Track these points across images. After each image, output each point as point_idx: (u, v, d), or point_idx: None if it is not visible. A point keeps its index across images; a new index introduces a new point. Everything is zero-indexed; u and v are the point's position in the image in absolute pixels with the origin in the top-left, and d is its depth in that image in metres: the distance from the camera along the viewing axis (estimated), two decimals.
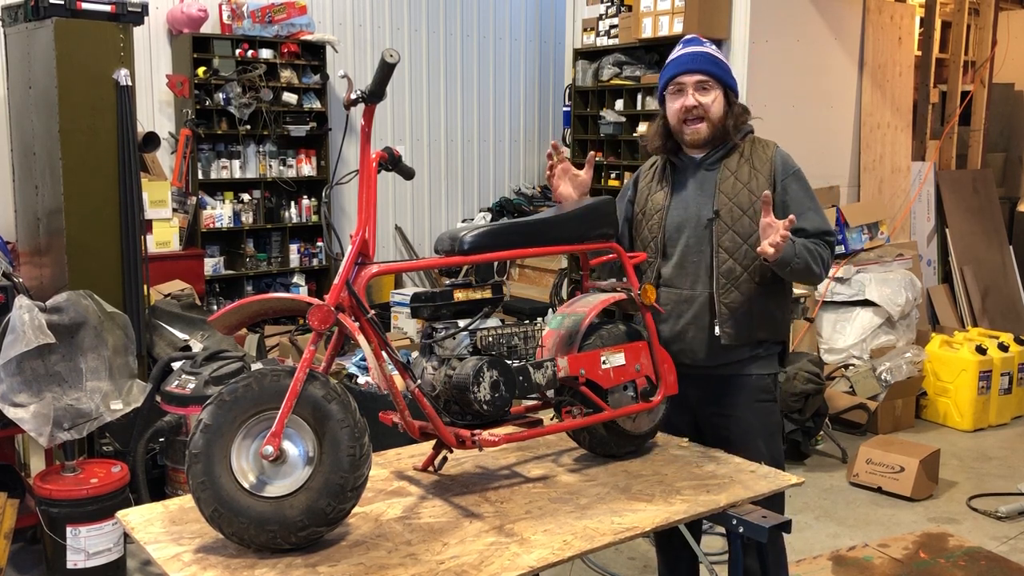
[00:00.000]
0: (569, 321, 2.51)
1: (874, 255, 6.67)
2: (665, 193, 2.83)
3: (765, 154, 2.77)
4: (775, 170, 2.73)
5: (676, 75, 2.75)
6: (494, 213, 8.44)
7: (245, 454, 2.00)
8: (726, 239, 2.71)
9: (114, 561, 3.63)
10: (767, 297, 2.73)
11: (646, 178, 2.93)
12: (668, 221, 2.80)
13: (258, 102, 6.77)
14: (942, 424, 6.07)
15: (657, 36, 6.46)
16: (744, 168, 2.74)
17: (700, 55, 2.74)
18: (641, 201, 2.90)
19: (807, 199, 2.75)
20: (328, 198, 4.73)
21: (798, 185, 2.75)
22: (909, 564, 3.96)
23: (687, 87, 2.73)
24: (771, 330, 2.78)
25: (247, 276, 7.07)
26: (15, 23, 4.54)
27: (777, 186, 2.72)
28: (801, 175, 2.77)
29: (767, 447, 2.75)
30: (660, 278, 2.82)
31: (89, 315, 3.79)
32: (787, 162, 2.77)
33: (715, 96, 2.73)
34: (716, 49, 2.81)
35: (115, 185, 4.32)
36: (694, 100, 2.72)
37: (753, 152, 2.77)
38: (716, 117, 2.73)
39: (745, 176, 2.73)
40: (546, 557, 1.99)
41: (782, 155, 2.78)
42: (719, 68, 2.75)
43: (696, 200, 2.77)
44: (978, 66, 8.07)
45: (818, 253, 2.68)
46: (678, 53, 2.79)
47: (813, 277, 2.72)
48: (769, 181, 2.72)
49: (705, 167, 2.79)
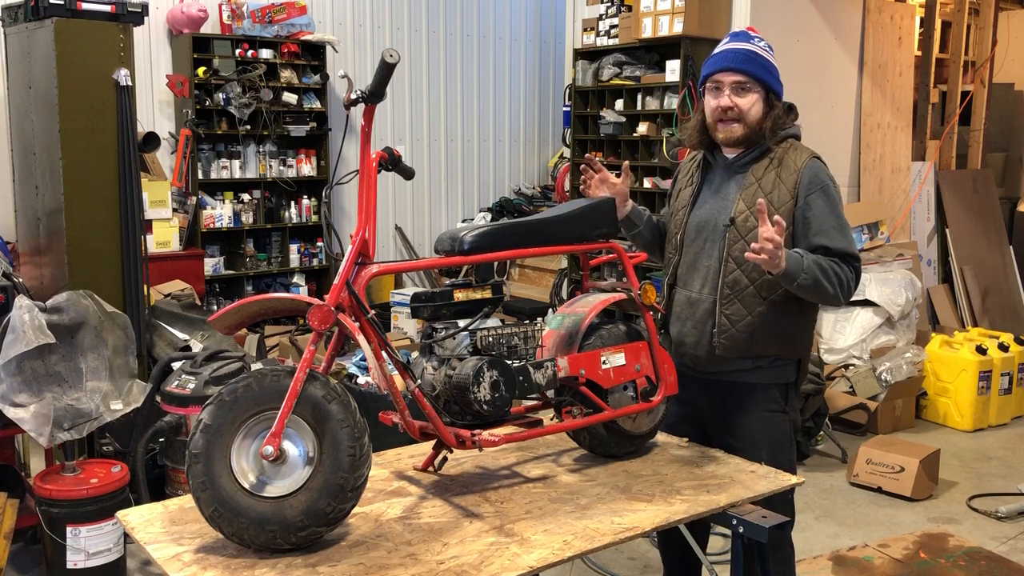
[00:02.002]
0: (569, 321, 2.51)
1: (874, 255, 6.67)
2: (693, 190, 2.77)
3: (795, 163, 2.63)
4: (800, 182, 2.59)
5: (714, 72, 2.65)
6: (494, 213, 8.44)
7: (245, 454, 2.00)
8: (736, 249, 2.61)
9: (114, 561, 3.63)
10: (778, 313, 2.62)
11: (685, 172, 2.87)
12: (690, 220, 2.75)
13: (258, 102, 6.77)
14: (942, 424, 6.07)
15: (657, 36, 6.46)
16: (770, 175, 2.63)
17: (742, 53, 2.62)
18: (675, 194, 2.86)
19: (832, 217, 2.58)
20: (328, 198, 4.73)
21: (824, 201, 2.59)
22: (909, 564, 3.95)
23: (724, 86, 2.63)
24: (779, 346, 2.66)
25: (247, 276, 7.07)
26: (15, 23, 4.54)
27: (800, 200, 2.59)
28: (831, 191, 2.61)
29: (771, 458, 2.63)
30: (675, 276, 2.79)
31: (89, 315, 3.79)
32: (817, 175, 2.61)
33: (753, 98, 2.62)
34: (765, 46, 2.67)
35: (115, 185, 4.32)
36: (729, 101, 2.62)
37: (784, 159, 2.64)
38: (753, 120, 2.63)
39: (769, 185, 2.62)
40: (546, 557, 1.99)
41: (814, 168, 2.62)
42: (760, 69, 2.62)
43: (719, 203, 2.70)
44: (978, 66, 8.07)
45: (834, 272, 2.53)
46: (722, 48, 2.68)
47: (828, 297, 2.55)
48: (792, 193, 2.59)
49: (735, 168, 2.70)
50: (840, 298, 2.56)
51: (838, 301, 2.58)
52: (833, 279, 2.53)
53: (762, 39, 2.69)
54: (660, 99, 6.68)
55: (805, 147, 2.70)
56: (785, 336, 2.66)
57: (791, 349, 2.69)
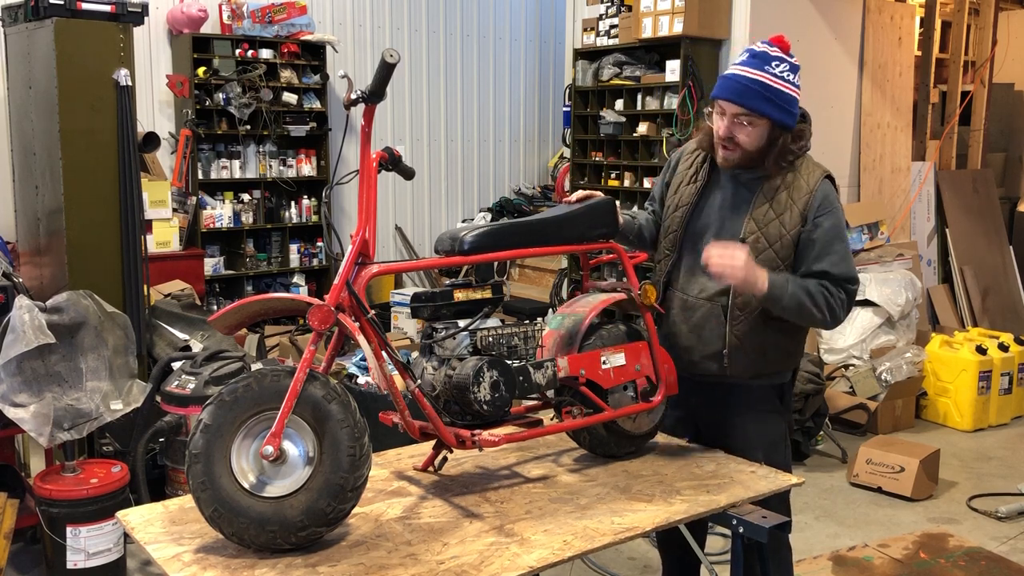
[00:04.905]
0: (569, 321, 2.51)
1: (874, 255, 6.67)
2: (697, 189, 2.68)
3: (807, 184, 2.55)
4: (811, 205, 2.53)
5: (718, 97, 2.54)
6: (494, 213, 8.44)
7: (245, 454, 2.00)
8: None
9: (114, 561, 3.63)
10: (780, 333, 2.60)
11: (687, 161, 2.77)
12: (691, 222, 2.68)
13: (258, 102, 6.77)
14: (942, 424, 6.07)
15: (657, 36, 6.46)
16: (782, 196, 2.55)
17: (747, 86, 2.47)
18: (675, 184, 2.76)
19: (835, 240, 2.52)
20: (328, 198, 4.73)
21: (830, 224, 2.53)
22: (909, 564, 3.95)
23: (725, 115, 2.53)
24: (783, 362, 2.68)
25: (247, 276, 7.07)
26: (15, 23, 4.54)
27: (808, 222, 2.53)
28: (838, 214, 2.55)
29: (767, 458, 2.62)
30: (669, 278, 2.73)
31: (89, 315, 3.79)
32: (827, 197, 2.54)
33: (753, 133, 2.51)
34: (783, 71, 2.50)
35: (115, 185, 4.32)
36: (726, 132, 2.53)
37: (796, 179, 2.55)
38: (751, 150, 2.53)
39: (781, 206, 2.54)
40: (546, 557, 1.99)
41: (825, 190, 2.55)
42: (765, 103, 2.47)
43: (726, 214, 2.62)
44: (978, 66, 8.07)
45: (823, 297, 2.48)
46: (731, 70, 2.54)
47: (815, 322, 2.52)
48: (803, 216, 2.53)
49: (743, 181, 2.61)
50: (827, 323, 2.52)
51: (826, 326, 2.55)
52: (821, 303, 2.48)
53: (784, 60, 2.52)
54: (660, 99, 6.68)
55: (817, 164, 2.62)
56: (786, 351, 2.68)
57: (789, 363, 2.71)
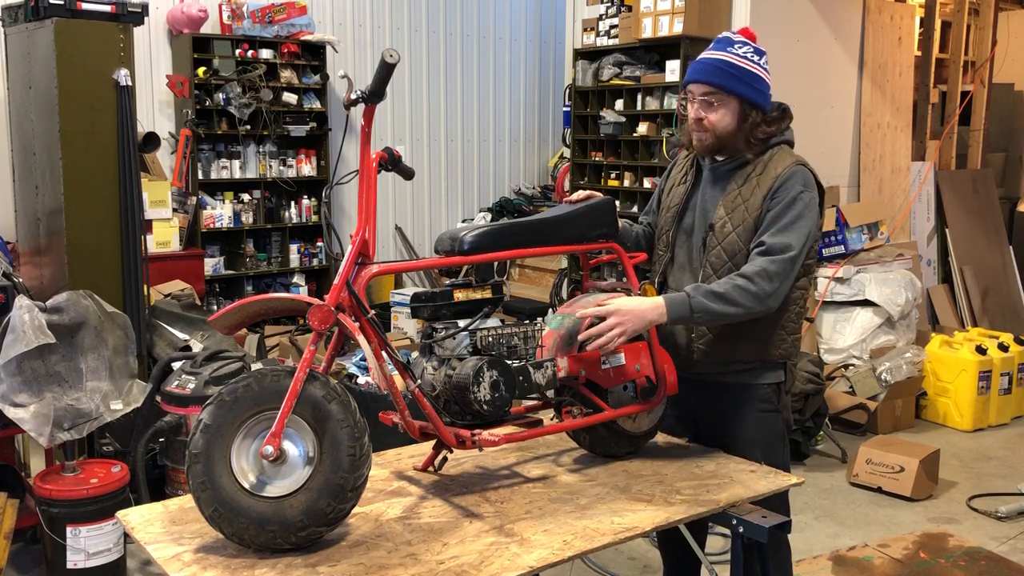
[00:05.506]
0: (569, 321, 2.51)
1: (874, 255, 6.67)
2: (685, 189, 2.74)
3: (775, 170, 2.55)
4: (773, 187, 2.52)
5: (687, 82, 2.60)
6: (494, 213, 8.44)
7: (245, 454, 2.00)
8: (714, 255, 2.59)
9: (114, 561, 3.63)
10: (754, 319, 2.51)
11: (680, 167, 2.83)
12: (680, 221, 2.73)
13: (258, 102, 6.77)
14: (942, 424, 6.07)
15: (657, 36, 6.46)
16: (752, 181, 2.57)
17: (712, 64, 2.54)
18: (667, 190, 2.83)
19: (785, 216, 2.49)
20: (328, 198, 4.73)
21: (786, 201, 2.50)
22: (909, 564, 3.95)
23: (695, 98, 2.57)
24: (758, 351, 2.61)
25: (247, 276, 7.07)
26: (15, 23, 4.54)
27: (767, 203, 2.53)
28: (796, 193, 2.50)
29: (766, 457, 2.62)
30: (665, 277, 2.78)
31: (89, 315, 3.79)
32: (790, 179, 2.52)
33: (722, 112, 2.53)
34: (747, 52, 2.55)
35: (115, 185, 4.32)
36: (695, 114, 2.57)
37: (767, 167, 2.57)
38: (723, 132, 2.55)
39: (748, 192, 2.57)
40: (546, 557, 1.99)
41: (788, 173, 2.53)
42: (731, 80, 2.51)
43: (706, 207, 2.67)
44: (978, 66, 8.07)
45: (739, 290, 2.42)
46: (700, 56, 2.61)
47: (741, 317, 2.46)
48: (764, 198, 2.53)
49: (719, 174, 2.66)
50: (755, 310, 2.45)
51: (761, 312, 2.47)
52: (739, 299, 2.43)
53: (747, 43, 2.57)
54: (660, 99, 6.68)
55: (792, 154, 2.62)
56: (764, 340, 2.61)
57: (771, 352, 2.63)
